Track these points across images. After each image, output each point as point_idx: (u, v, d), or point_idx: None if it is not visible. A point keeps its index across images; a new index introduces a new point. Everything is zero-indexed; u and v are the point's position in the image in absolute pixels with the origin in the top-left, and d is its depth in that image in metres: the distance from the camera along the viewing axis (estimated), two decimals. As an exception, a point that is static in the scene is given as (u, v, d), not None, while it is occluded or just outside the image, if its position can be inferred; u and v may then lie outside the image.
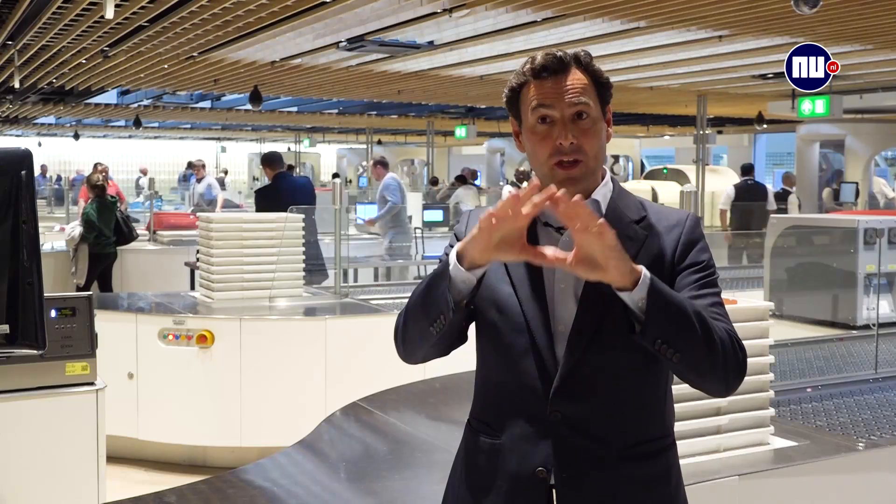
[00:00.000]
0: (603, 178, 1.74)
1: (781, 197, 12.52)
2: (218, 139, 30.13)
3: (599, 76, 1.71)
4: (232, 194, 17.66)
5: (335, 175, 20.34)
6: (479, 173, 18.72)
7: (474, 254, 1.55)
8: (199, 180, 13.11)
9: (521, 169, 19.67)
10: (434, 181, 19.05)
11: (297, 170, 23.05)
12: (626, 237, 1.65)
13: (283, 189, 7.57)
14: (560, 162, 1.66)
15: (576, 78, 1.68)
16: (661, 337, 1.54)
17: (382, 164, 10.06)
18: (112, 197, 8.57)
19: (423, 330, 1.66)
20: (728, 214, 11.73)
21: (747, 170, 12.53)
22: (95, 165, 12.65)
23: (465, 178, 16.36)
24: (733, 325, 1.70)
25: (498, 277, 1.71)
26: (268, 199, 7.42)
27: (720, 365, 1.61)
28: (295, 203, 6.64)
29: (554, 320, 1.68)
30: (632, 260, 1.56)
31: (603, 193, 1.73)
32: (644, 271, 1.53)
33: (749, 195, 11.73)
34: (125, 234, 8.54)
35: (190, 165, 20.22)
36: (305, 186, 8.17)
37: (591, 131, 1.67)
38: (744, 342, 1.67)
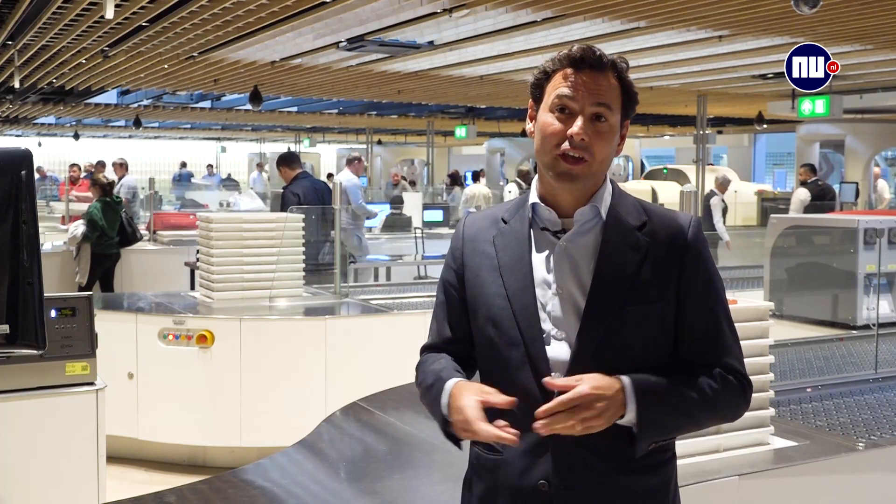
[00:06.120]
0: (604, 182, 1.72)
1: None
2: (218, 139, 30.16)
3: (630, 88, 1.70)
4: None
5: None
6: (462, 177, 18.58)
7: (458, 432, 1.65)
8: (119, 179, 12.29)
9: (522, 168, 19.65)
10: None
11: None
12: (627, 246, 1.66)
13: (305, 189, 7.55)
14: (565, 154, 1.64)
15: (609, 82, 1.66)
16: (656, 440, 1.66)
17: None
18: (117, 197, 8.55)
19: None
20: None
21: (814, 170, 11.77)
22: (71, 166, 12.30)
23: (477, 176, 15.95)
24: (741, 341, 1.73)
25: (493, 291, 1.71)
26: (292, 199, 7.34)
27: (718, 419, 1.80)
28: (318, 203, 6.80)
29: (552, 328, 1.66)
30: (635, 269, 1.63)
31: (603, 198, 1.71)
32: (629, 397, 1.58)
33: (821, 198, 11.03)
34: (129, 234, 8.53)
35: (183, 165, 20.18)
36: (327, 188, 8.17)
37: (605, 136, 1.65)
38: (744, 342, 1.67)
